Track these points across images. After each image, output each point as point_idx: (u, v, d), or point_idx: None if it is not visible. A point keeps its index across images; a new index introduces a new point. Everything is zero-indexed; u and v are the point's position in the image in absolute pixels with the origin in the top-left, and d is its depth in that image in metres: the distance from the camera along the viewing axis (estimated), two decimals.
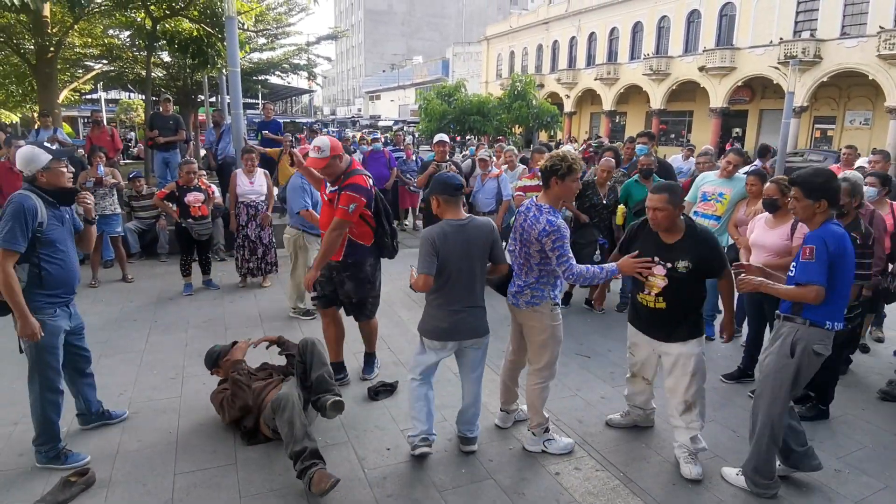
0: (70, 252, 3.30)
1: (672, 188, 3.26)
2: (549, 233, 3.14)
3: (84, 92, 20.52)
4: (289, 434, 3.13)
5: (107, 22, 12.87)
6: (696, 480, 3.26)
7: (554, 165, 3.23)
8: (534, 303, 3.35)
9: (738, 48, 29.23)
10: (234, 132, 8.26)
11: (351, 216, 3.78)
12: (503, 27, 48.31)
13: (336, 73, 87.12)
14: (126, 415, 3.84)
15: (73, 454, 3.37)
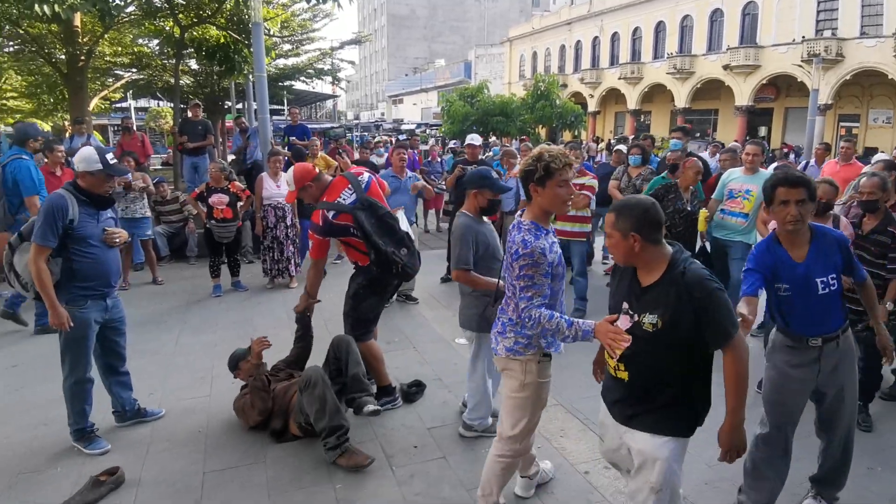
0: (104, 248, 3.42)
1: (625, 207, 2.17)
2: (520, 256, 2.41)
3: (114, 100, 21.00)
4: (321, 409, 3.21)
5: (136, 31, 13.14)
6: None
7: (527, 169, 2.48)
8: (516, 350, 2.60)
9: (762, 46, 28.70)
10: (262, 136, 8.38)
11: (313, 253, 3.82)
12: (526, 28, 48.18)
13: (359, 78, 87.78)
14: (162, 413, 3.91)
15: (97, 441, 3.52)
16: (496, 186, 3.42)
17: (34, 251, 3.19)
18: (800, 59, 25.95)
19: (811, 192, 2.57)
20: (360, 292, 3.90)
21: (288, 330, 5.41)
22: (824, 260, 2.63)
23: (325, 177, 3.89)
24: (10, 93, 19.65)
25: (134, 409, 3.81)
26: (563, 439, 3.66)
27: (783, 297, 2.68)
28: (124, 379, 3.76)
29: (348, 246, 3.84)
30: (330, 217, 3.63)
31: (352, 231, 3.66)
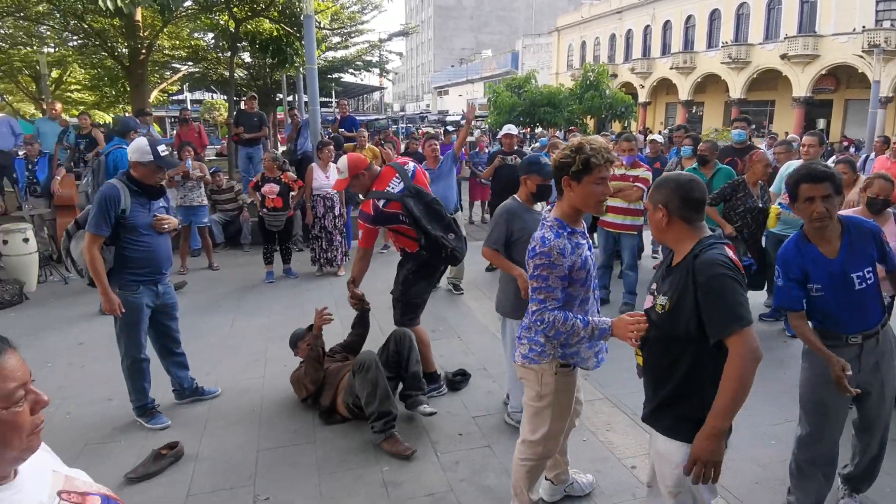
0: (155, 236, 3.55)
1: (662, 180, 2.13)
2: (536, 254, 2.26)
3: (171, 93, 21.74)
4: (372, 393, 3.33)
5: (193, 25, 13.57)
6: None
7: (563, 159, 2.26)
8: (531, 358, 2.44)
9: (821, 35, 27.48)
10: (312, 128, 8.55)
11: (362, 242, 3.88)
12: (574, 17, 47.38)
13: (405, 69, 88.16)
14: (219, 392, 4.09)
15: (158, 416, 3.72)
16: (544, 171, 3.41)
17: (88, 239, 3.35)
18: (860, 49, 24.82)
19: (837, 187, 2.44)
20: (410, 277, 3.95)
21: (335, 316, 5.54)
22: (859, 253, 2.49)
23: (375, 167, 3.94)
24: (74, 85, 20.57)
25: (192, 388, 3.99)
26: (610, 433, 3.64)
27: (817, 297, 2.55)
28: (180, 359, 3.94)
29: (397, 233, 3.88)
30: (380, 206, 3.69)
31: (401, 218, 3.72)
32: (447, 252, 3.77)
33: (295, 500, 2.99)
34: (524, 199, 3.48)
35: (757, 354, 1.86)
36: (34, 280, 6.59)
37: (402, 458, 3.29)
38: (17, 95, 21.50)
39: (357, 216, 6.46)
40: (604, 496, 3.03)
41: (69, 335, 5.24)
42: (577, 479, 3.07)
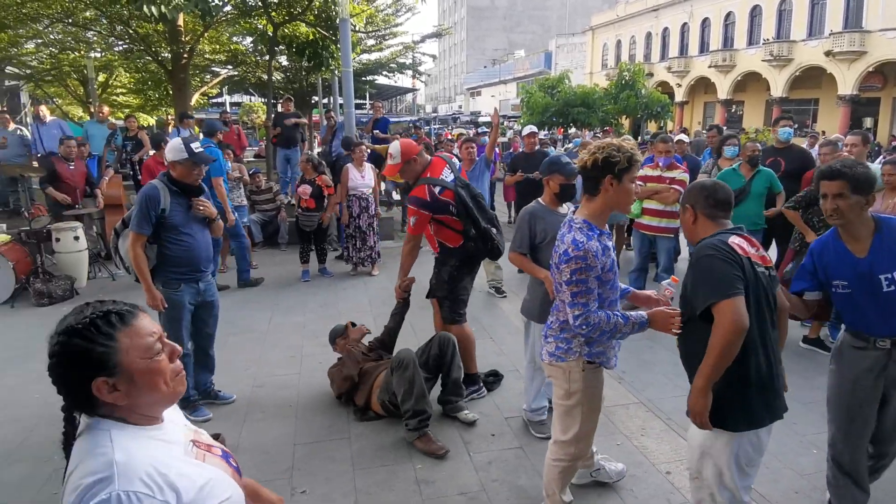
0: (196, 235, 3.65)
1: (693, 184, 2.38)
2: (570, 258, 2.25)
3: (211, 96, 22.30)
4: (408, 391, 3.37)
5: (232, 29, 13.90)
6: None
7: (609, 157, 2.24)
8: (558, 356, 2.50)
9: (869, 31, 26.43)
10: (347, 130, 8.67)
11: (415, 229, 3.78)
12: (609, 16, 46.80)
13: (438, 71, 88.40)
14: (233, 398, 4.08)
15: (200, 409, 3.87)
16: (566, 171, 3.38)
17: (131, 238, 3.49)
18: None
19: (854, 185, 2.37)
20: (456, 274, 3.91)
21: (369, 315, 5.66)
22: (889, 254, 2.42)
23: (426, 155, 3.93)
24: (120, 89, 21.31)
25: (207, 390, 4.04)
26: (644, 438, 3.61)
27: (843, 294, 2.52)
28: (207, 360, 4.01)
29: (441, 225, 3.81)
30: (437, 192, 3.68)
31: (451, 208, 3.71)
32: (493, 244, 3.80)
33: (331, 494, 3.06)
34: (548, 201, 3.47)
35: (738, 325, 1.99)
36: (84, 276, 6.86)
37: (436, 457, 3.32)
38: (66, 99, 22.37)
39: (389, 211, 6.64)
40: (637, 501, 3.01)
41: None
42: (605, 465, 3.11)
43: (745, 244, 2.17)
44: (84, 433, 1.19)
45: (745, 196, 5.41)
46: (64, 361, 1.16)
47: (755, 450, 2.23)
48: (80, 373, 1.16)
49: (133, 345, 1.19)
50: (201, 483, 1.21)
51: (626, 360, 4.36)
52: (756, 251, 2.21)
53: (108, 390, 1.16)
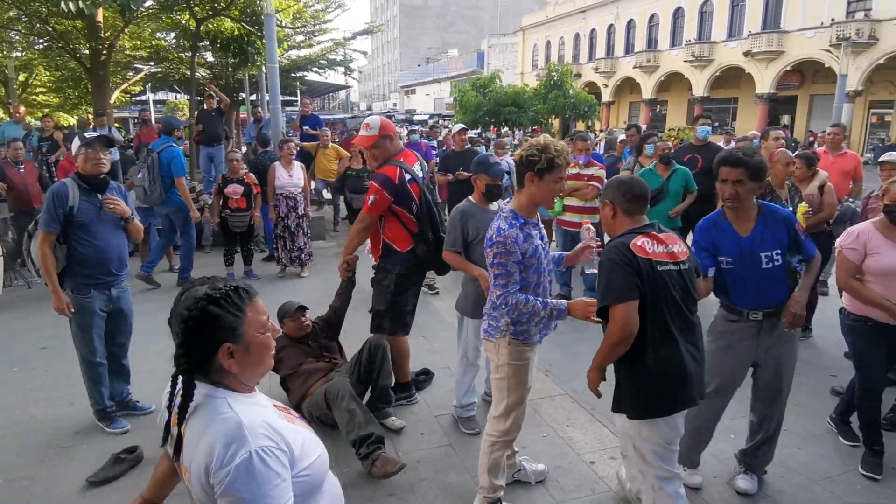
0: (105, 236, 3.48)
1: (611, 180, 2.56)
2: (493, 243, 2.49)
3: (133, 93, 21.27)
4: (350, 421, 3.18)
5: (154, 25, 13.31)
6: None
7: (530, 156, 2.46)
8: (489, 332, 2.69)
9: (787, 31, 28.12)
10: (273, 127, 8.45)
11: (372, 209, 3.48)
12: (539, 17, 47.78)
13: (372, 68, 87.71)
14: (152, 408, 3.89)
15: (117, 421, 3.69)
16: (492, 171, 3.37)
17: (40, 237, 3.35)
18: (828, 43, 25.30)
19: (752, 173, 2.64)
20: (401, 282, 3.65)
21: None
22: (770, 235, 2.71)
23: (399, 141, 3.71)
24: (40, 88, 20.13)
25: (124, 401, 3.85)
26: (570, 429, 3.70)
27: (726, 269, 2.79)
28: (122, 370, 3.83)
29: (395, 220, 3.57)
30: (406, 179, 3.49)
31: (413, 205, 3.52)
32: (429, 264, 3.65)
33: None
34: (478, 199, 3.45)
35: (624, 330, 2.21)
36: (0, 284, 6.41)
37: (390, 476, 3.06)
38: None
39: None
40: (563, 492, 3.07)
41: (33, 340, 5.16)
42: (526, 465, 3.15)
43: (651, 243, 2.29)
44: (202, 402, 1.32)
45: (664, 195, 5.62)
46: (201, 324, 1.32)
47: (672, 430, 2.39)
48: (211, 336, 1.32)
49: (254, 319, 1.37)
50: (301, 441, 1.37)
51: (552, 351, 4.48)
52: (665, 248, 2.32)
53: (228, 357, 1.33)
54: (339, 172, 8.17)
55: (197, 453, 1.26)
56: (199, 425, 1.30)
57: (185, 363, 1.33)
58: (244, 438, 1.24)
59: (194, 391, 1.33)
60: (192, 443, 1.29)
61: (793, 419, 3.78)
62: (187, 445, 1.30)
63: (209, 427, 1.28)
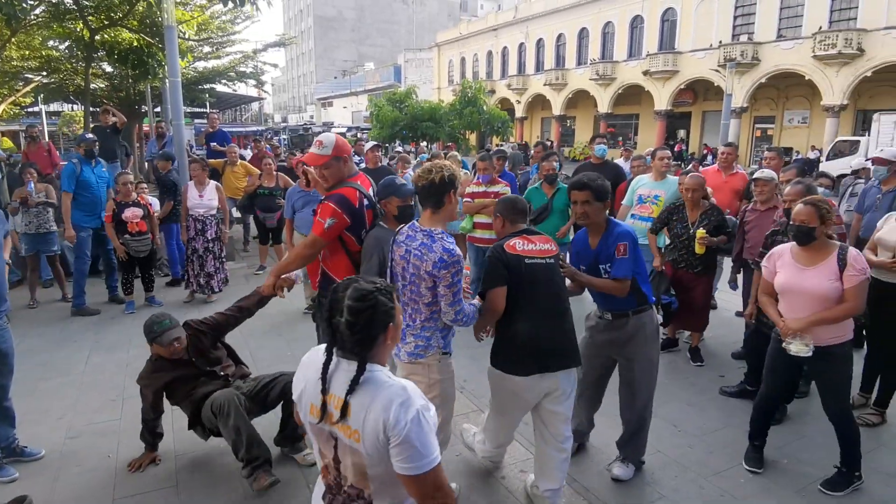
0: None
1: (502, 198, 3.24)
2: (448, 264, 2.57)
3: (24, 105, 19.70)
4: (237, 441, 3.10)
5: (45, 33, 12.42)
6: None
7: (452, 175, 2.68)
8: (417, 353, 2.75)
9: (680, 52, 30.23)
10: (176, 143, 8.09)
11: (327, 233, 3.13)
12: (453, 34, 48.70)
13: (286, 79, 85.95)
14: (42, 454, 3.59)
15: (4, 469, 3.38)
16: (401, 192, 3.26)
17: None
18: (716, 63, 27.41)
19: (596, 195, 3.09)
20: None
21: None
22: (607, 250, 3.14)
23: (353, 166, 3.41)
24: None
25: (10, 447, 3.51)
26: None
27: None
28: (4, 413, 3.48)
29: (339, 247, 3.24)
30: (365, 204, 3.22)
31: (361, 232, 3.24)
32: None
33: None
34: (389, 223, 3.28)
35: (493, 308, 2.81)
36: None
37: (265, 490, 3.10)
38: None
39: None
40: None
41: None
42: None
43: (522, 243, 2.88)
44: (366, 378, 1.60)
45: (548, 212, 5.89)
46: (376, 312, 1.61)
47: (515, 392, 2.91)
48: (381, 322, 1.62)
49: (397, 308, 1.69)
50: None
51: (466, 367, 4.53)
52: (534, 246, 2.88)
53: (392, 335, 1.67)
54: (248, 191, 7.93)
55: (371, 415, 1.56)
56: (369, 394, 1.59)
57: (360, 346, 1.61)
58: (411, 400, 1.57)
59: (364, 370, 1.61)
60: (363, 408, 1.57)
61: (686, 418, 4.09)
62: (357, 412, 1.58)
63: (379, 394, 1.58)
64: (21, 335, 5.52)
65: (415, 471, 1.55)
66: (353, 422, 1.59)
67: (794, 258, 3.21)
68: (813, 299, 3.10)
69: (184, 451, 3.62)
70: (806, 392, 4.40)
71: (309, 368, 1.72)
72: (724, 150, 6.19)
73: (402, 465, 1.55)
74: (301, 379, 1.74)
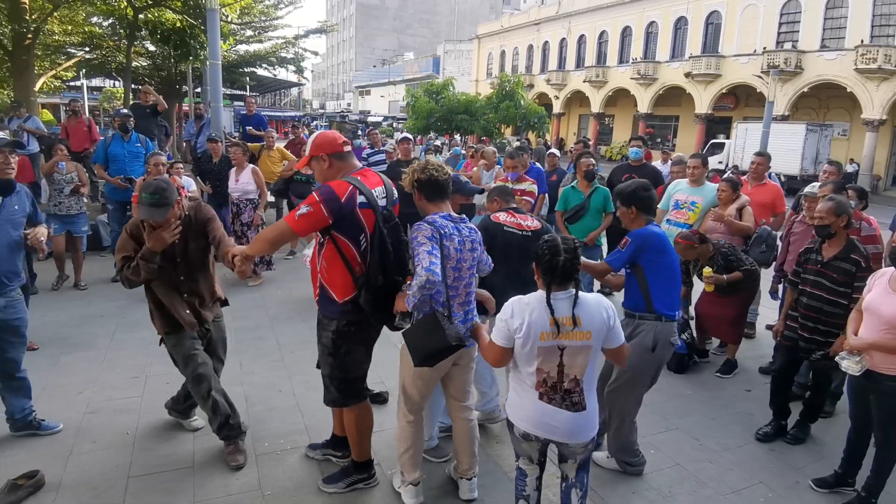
0: None
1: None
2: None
3: (66, 79, 20.23)
4: (213, 413, 3.29)
5: (88, 9, 12.69)
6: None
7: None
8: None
9: (724, 56, 29.51)
10: (214, 125, 8.18)
11: (298, 224, 2.66)
12: (495, 26, 48.33)
13: (326, 66, 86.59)
14: (60, 427, 3.61)
15: None
16: (465, 190, 3.42)
17: None
18: (759, 69, 26.72)
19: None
20: (339, 343, 2.85)
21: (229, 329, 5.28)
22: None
23: (355, 161, 2.94)
24: None
25: (26, 420, 3.52)
26: (499, 445, 3.69)
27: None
28: (18, 384, 3.48)
29: (335, 254, 2.75)
30: (357, 202, 2.70)
31: (361, 237, 2.74)
32: (380, 318, 2.83)
33: None
34: None
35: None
36: None
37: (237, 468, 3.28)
38: None
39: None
40: None
41: None
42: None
43: (505, 216, 3.47)
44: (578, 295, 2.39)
45: (585, 211, 5.75)
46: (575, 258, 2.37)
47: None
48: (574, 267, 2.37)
49: None
50: None
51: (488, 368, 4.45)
52: (515, 220, 3.45)
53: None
54: (285, 175, 7.97)
55: (595, 316, 2.37)
56: (585, 304, 2.37)
57: (575, 274, 2.37)
58: (601, 298, 2.45)
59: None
60: (587, 314, 2.36)
61: (707, 433, 3.96)
62: (584, 318, 2.34)
63: (590, 301, 2.39)
64: (55, 310, 5.64)
65: (621, 340, 2.47)
66: (584, 326, 2.33)
67: (889, 282, 3.06)
68: (885, 324, 2.96)
69: (201, 433, 3.63)
70: (831, 412, 4.24)
71: (523, 313, 2.35)
72: (755, 160, 5.86)
73: (616, 339, 2.44)
74: (519, 320, 2.34)
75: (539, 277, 2.42)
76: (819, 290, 3.59)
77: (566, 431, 2.43)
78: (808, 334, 3.65)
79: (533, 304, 2.35)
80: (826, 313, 3.57)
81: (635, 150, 6.68)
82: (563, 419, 2.41)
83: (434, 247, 2.62)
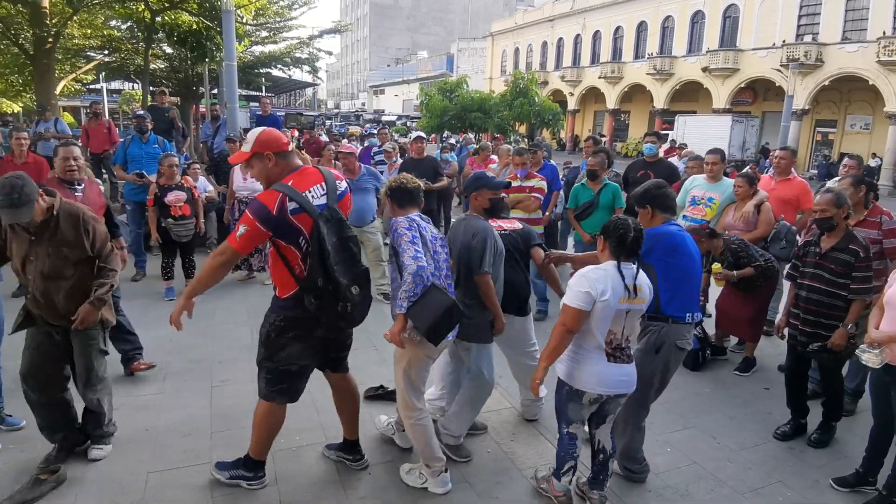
0: None
1: None
2: None
3: (86, 82, 20.57)
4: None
5: (107, 13, 12.90)
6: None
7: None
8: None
9: (742, 50, 29.11)
10: (231, 126, 8.27)
11: (240, 243, 2.69)
12: (508, 23, 48.18)
13: (340, 66, 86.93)
14: (23, 424, 3.57)
15: None
16: (493, 184, 3.42)
17: None
18: (779, 63, 26.29)
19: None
20: (276, 336, 2.88)
21: (245, 327, 5.37)
22: None
23: (296, 159, 2.92)
24: None
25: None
26: (514, 443, 3.70)
27: None
28: None
29: (280, 258, 2.79)
30: (289, 209, 2.68)
31: (300, 241, 2.75)
32: (344, 309, 2.79)
33: None
34: (479, 215, 3.45)
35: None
36: None
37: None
38: None
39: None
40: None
41: None
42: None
43: (499, 222, 3.68)
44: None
45: (594, 207, 5.72)
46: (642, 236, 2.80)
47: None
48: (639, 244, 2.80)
49: None
50: None
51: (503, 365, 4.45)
52: (505, 223, 3.74)
53: None
54: None
55: (645, 285, 2.81)
56: (643, 277, 2.80)
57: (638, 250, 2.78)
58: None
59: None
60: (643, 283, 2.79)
61: (725, 431, 3.93)
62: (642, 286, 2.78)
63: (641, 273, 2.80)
64: None
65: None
66: (642, 294, 2.76)
67: None
68: None
69: (220, 429, 3.68)
70: (853, 410, 4.18)
71: (605, 280, 2.68)
72: (779, 154, 5.66)
73: (649, 300, 2.83)
74: (602, 285, 2.67)
75: (607, 251, 2.80)
76: (818, 282, 3.58)
77: (630, 382, 2.86)
78: (809, 328, 3.63)
79: (610, 272, 2.72)
80: (826, 305, 3.55)
81: (650, 147, 6.64)
82: (628, 372, 2.85)
83: (414, 236, 2.92)
